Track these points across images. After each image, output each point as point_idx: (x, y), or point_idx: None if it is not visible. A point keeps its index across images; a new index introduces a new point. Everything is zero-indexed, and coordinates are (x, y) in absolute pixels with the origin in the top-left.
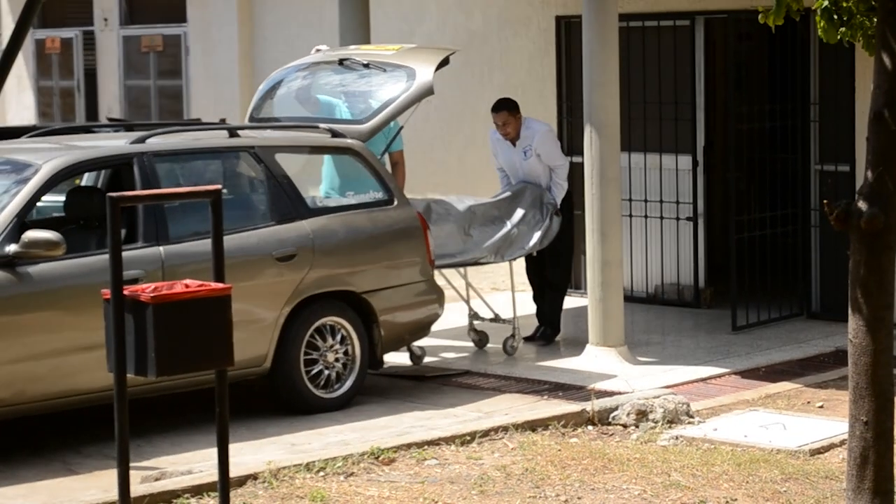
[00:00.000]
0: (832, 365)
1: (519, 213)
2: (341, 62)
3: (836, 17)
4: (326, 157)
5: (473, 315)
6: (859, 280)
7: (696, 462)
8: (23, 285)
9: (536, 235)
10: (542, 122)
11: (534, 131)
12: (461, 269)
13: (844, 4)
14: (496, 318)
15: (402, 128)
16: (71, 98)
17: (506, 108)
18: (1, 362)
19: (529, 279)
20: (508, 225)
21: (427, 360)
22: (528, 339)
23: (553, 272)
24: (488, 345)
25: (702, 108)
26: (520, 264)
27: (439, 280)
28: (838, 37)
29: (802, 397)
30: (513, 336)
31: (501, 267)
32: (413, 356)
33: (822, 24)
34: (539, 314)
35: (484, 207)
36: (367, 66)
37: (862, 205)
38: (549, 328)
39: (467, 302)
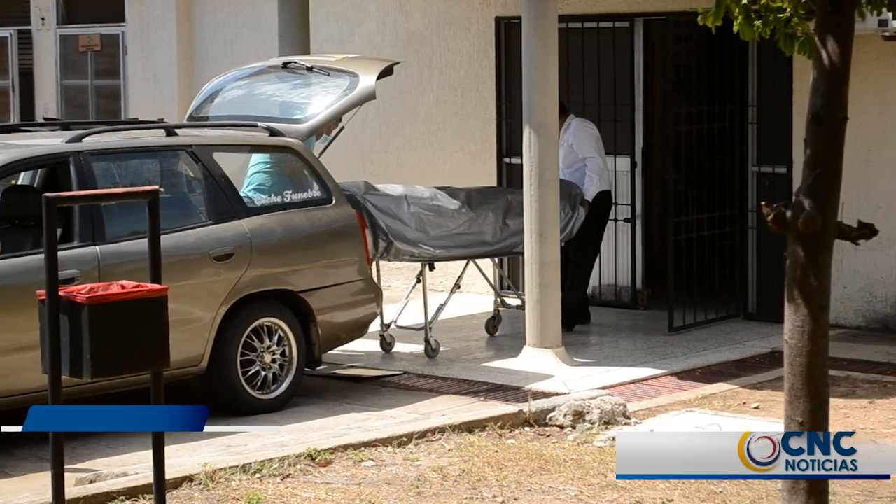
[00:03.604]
0: (768, 366)
1: None
2: (285, 66)
3: (752, 13)
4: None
5: (500, 303)
6: (796, 281)
7: None
8: None
9: (567, 227)
10: (584, 120)
11: (572, 127)
12: (494, 258)
13: (763, 1)
14: (523, 305)
15: (342, 128)
16: (6, 97)
17: None
18: None
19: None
20: None
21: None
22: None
23: (575, 269)
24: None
25: (640, 109)
26: None
27: (470, 268)
28: (755, 33)
29: (738, 398)
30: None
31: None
32: (384, 342)
33: (738, 20)
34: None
35: (521, 198)
36: (310, 69)
37: (799, 206)
38: (580, 320)
39: (495, 288)
